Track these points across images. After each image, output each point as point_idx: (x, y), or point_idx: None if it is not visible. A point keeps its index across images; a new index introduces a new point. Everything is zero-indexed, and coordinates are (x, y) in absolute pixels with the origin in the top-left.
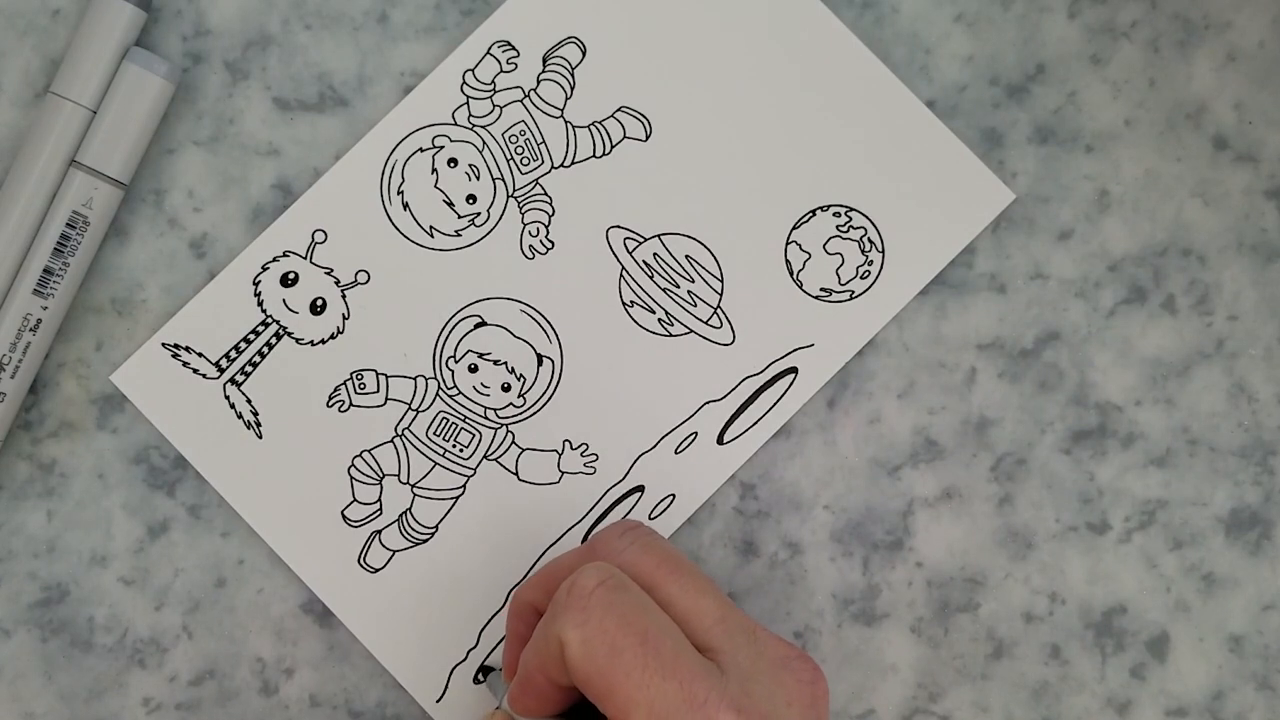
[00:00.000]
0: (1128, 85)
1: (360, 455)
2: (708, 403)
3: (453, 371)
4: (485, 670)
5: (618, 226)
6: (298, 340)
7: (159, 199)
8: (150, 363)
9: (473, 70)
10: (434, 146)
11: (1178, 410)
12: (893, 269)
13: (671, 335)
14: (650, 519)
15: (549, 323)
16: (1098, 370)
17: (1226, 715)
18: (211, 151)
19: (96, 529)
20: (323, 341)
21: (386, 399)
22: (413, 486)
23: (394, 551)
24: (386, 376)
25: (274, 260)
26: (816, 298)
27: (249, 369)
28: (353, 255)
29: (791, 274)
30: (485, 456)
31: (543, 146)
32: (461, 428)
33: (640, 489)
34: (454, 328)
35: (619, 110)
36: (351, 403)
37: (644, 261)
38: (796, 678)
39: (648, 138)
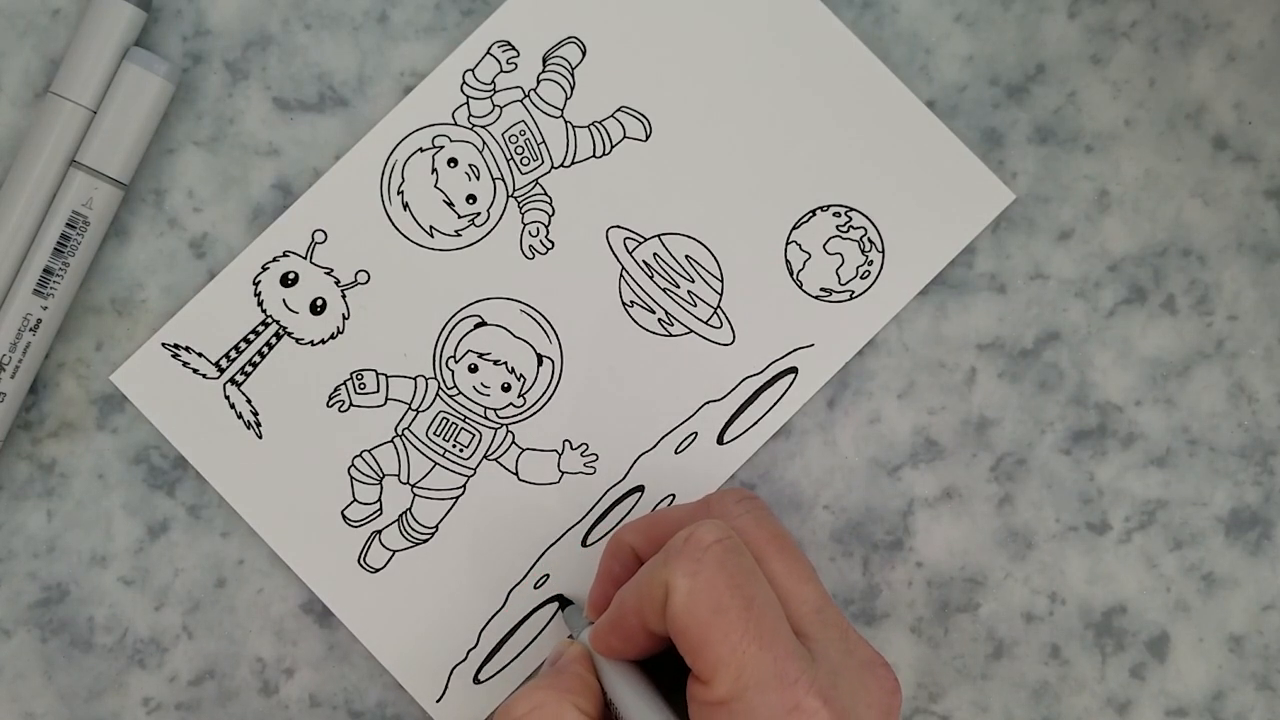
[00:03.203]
0: (1128, 85)
1: (360, 455)
2: (708, 403)
3: (453, 371)
4: (563, 602)
5: (618, 226)
6: (298, 340)
7: (159, 199)
8: (150, 363)
9: (473, 70)
10: (434, 146)
11: (1178, 410)
12: (893, 269)
13: (671, 335)
14: None
15: (549, 323)
16: (1098, 370)
17: (1226, 715)
18: (211, 151)
19: (96, 529)
20: (323, 341)
21: (386, 399)
22: (413, 486)
23: (394, 551)
24: (386, 376)
25: (274, 260)
26: (816, 298)
27: (249, 369)
28: (353, 255)
29: (791, 274)
30: (485, 456)
31: (543, 146)
32: (461, 428)
33: (640, 489)
34: (454, 328)
35: (619, 110)
36: (351, 403)
37: (644, 261)
38: (880, 684)
39: (648, 138)
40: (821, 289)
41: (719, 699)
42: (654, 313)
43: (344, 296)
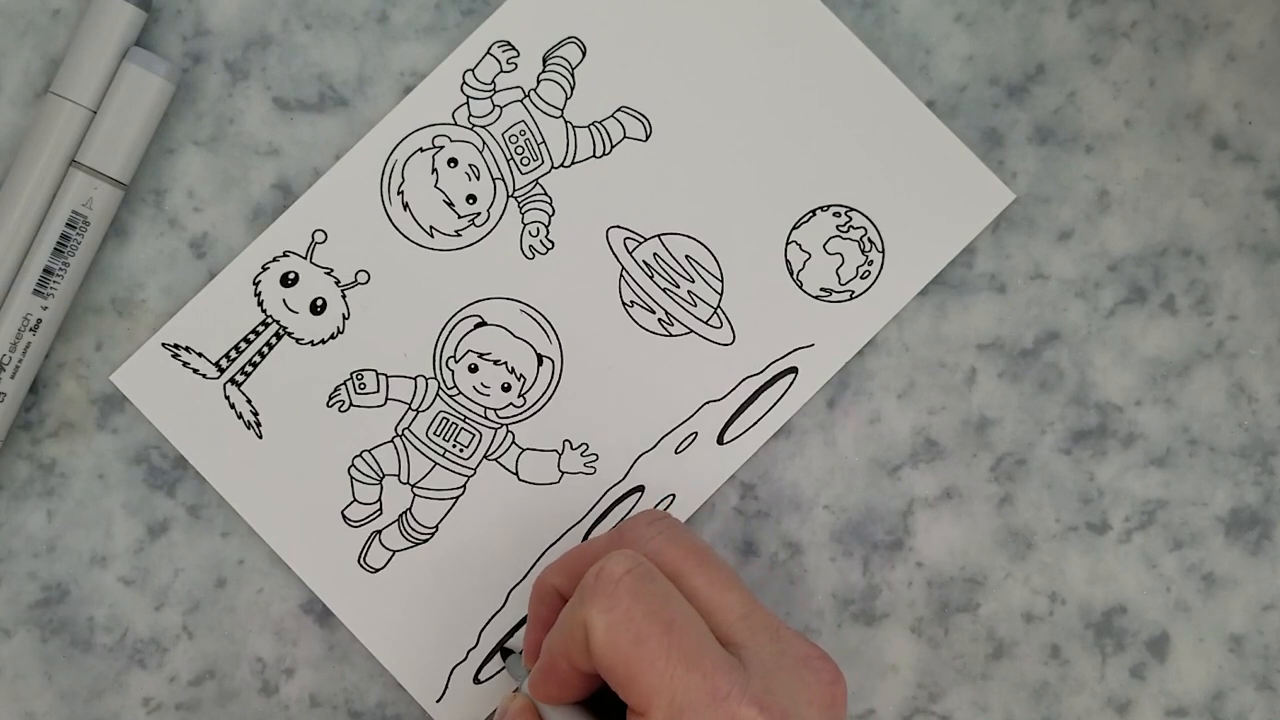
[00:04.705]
0: (1128, 85)
1: (360, 455)
2: (708, 403)
3: (453, 371)
4: (505, 652)
5: (618, 226)
6: (298, 340)
7: (159, 199)
8: (150, 363)
9: (473, 70)
10: (434, 146)
11: (1178, 410)
12: (893, 269)
13: (671, 335)
14: None
15: (549, 323)
16: (1098, 370)
17: (1226, 715)
18: (211, 151)
19: (96, 529)
20: (323, 341)
21: (386, 399)
22: (413, 486)
23: (394, 551)
24: (386, 376)
25: (274, 260)
26: (816, 298)
27: (249, 369)
28: (353, 255)
29: (791, 274)
30: (485, 456)
31: (543, 146)
32: (461, 428)
33: (640, 489)
34: (454, 328)
35: (619, 110)
36: (351, 403)
37: (644, 261)
38: (818, 677)
39: (648, 138)
40: (821, 289)
41: None
42: (654, 313)
43: (344, 296)
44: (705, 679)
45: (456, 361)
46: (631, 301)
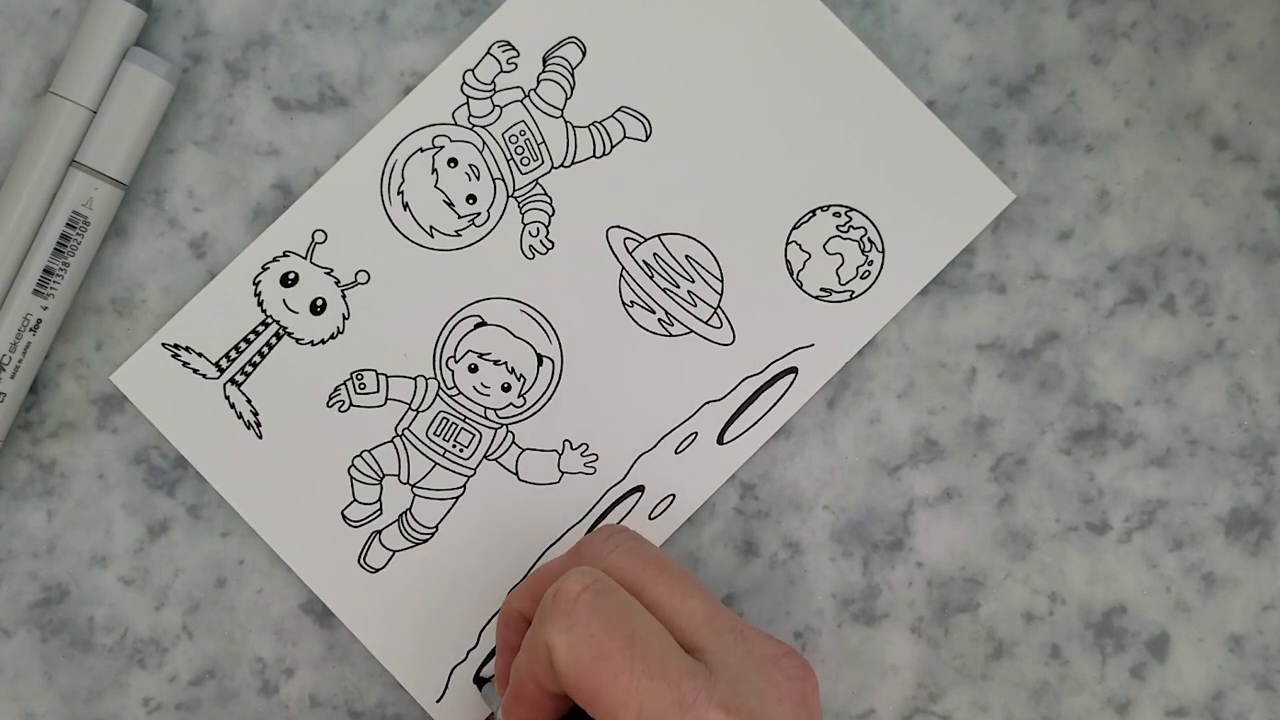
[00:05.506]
0: (1128, 85)
1: (360, 455)
2: (708, 403)
3: (453, 371)
4: (480, 680)
5: (618, 226)
6: (298, 340)
7: (159, 199)
8: (150, 363)
9: (473, 70)
10: (434, 146)
11: (1178, 410)
12: (893, 269)
13: (671, 335)
14: (650, 519)
15: (549, 323)
16: (1098, 370)
17: (1226, 715)
18: (211, 151)
19: (96, 529)
20: (323, 341)
21: (386, 399)
22: (413, 486)
23: (394, 551)
24: (386, 376)
25: (274, 260)
26: (816, 298)
27: (249, 369)
28: (353, 255)
29: (791, 274)
30: (485, 456)
31: (543, 146)
32: (461, 428)
33: (640, 489)
34: (454, 328)
35: (619, 110)
36: (351, 403)
37: (644, 261)
38: (786, 675)
39: (648, 138)
40: (821, 289)
41: None
42: (654, 313)
43: (344, 296)
44: (670, 688)
45: (456, 361)
46: (631, 301)
